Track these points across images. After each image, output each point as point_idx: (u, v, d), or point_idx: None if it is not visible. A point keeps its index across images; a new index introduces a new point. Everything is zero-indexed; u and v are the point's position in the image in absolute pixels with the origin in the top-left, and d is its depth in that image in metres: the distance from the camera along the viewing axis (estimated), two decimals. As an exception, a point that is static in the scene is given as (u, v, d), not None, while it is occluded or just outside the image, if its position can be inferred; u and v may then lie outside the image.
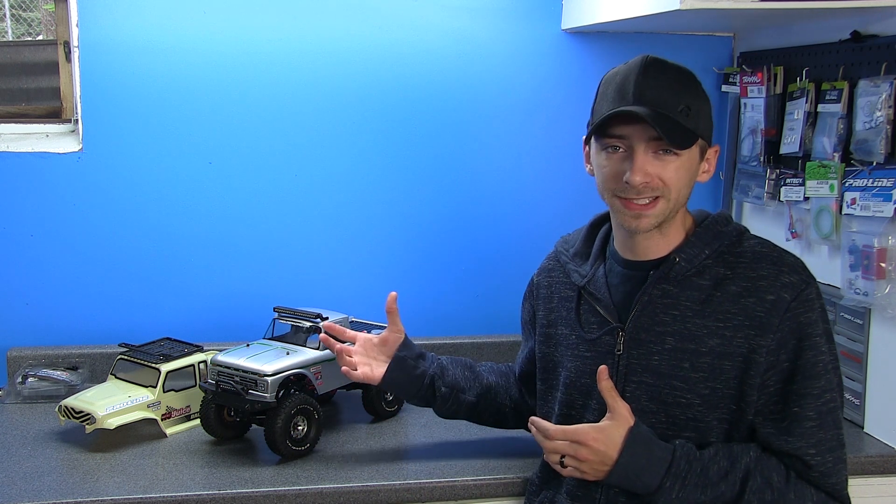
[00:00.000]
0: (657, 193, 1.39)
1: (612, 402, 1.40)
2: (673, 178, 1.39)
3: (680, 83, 1.40)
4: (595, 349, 1.49)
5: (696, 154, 1.42)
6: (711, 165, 1.47)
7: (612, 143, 1.40)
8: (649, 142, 1.37)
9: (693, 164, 1.42)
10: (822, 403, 1.38)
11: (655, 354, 1.43)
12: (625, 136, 1.38)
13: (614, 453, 1.37)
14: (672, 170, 1.39)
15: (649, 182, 1.38)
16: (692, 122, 1.38)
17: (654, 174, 1.38)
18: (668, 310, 1.43)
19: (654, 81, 1.38)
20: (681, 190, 1.41)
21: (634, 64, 1.41)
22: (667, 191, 1.39)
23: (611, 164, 1.41)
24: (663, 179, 1.38)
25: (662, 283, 1.44)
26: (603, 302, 1.50)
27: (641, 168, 1.37)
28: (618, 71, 1.44)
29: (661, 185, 1.39)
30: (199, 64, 2.16)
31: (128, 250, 2.19)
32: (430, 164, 2.32)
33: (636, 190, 1.38)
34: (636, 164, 1.37)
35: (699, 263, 1.43)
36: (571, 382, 1.53)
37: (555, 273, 1.62)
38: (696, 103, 1.40)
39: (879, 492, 1.80)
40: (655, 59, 1.41)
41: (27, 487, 1.58)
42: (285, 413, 1.71)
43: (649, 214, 1.40)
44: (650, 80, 1.38)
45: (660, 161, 1.38)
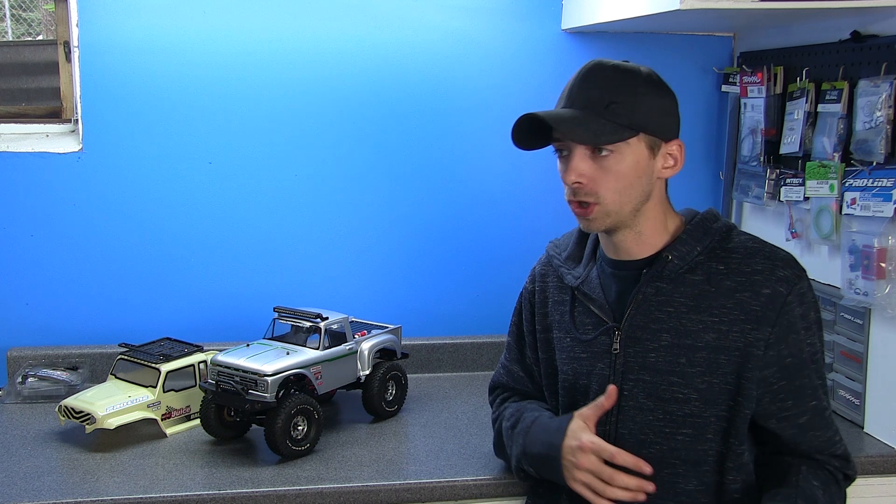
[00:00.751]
0: (591, 199, 1.40)
1: None
2: (609, 181, 1.39)
3: (615, 81, 1.41)
4: (591, 349, 1.50)
5: (642, 150, 1.40)
6: (678, 160, 1.45)
7: (558, 147, 1.44)
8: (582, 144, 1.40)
9: (639, 162, 1.40)
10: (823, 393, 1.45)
11: (652, 352, 1.44)
12: (561, 139, 1.42)
13: None
14: (610, 171, 1.39)
15: (583, 184, 1.40)
16: (624, 117, 1.37)
17: (588, 175, 1.39)
18: (663, 307, 1.44)
19: (587, 84, 1.41)
20: (621, 191, 1.40)
21: (580, 70, 1.45)
22: (600, 196, 1.40)
23: (561, 168, 1.45)
24: (596, 182, 1.39)
25: (656, 281, 1.45)
26: (597, 302, 1.50)
27: (574, 168, 1.40)
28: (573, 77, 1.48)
29: (595, 190, 1.39)
30: (199, 64, 2.16)
31: (128, 250, 2.19)
32: (430, 164, 2.32)
33: (572, 191, 1.41)
34: (570, 164, 1.41)
35: (691, 260, 1.44)
36: (570, 385, 1.53)
37: (548, 278, 1.63)
38: (632, 98, 1.39)
39: (879, 492, 1.80)
40: (598, 62, 1.44)
41: (27, 487, 1.58)
42: (285, 413, 1.71)
43: (590, 218, 1.43)
44: (583, 84, 1.42)
45: (597, 163, 1.40)
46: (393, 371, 1.98)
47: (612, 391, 1.41)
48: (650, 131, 1.40)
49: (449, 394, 2.16)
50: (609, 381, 1.46)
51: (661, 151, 1.43)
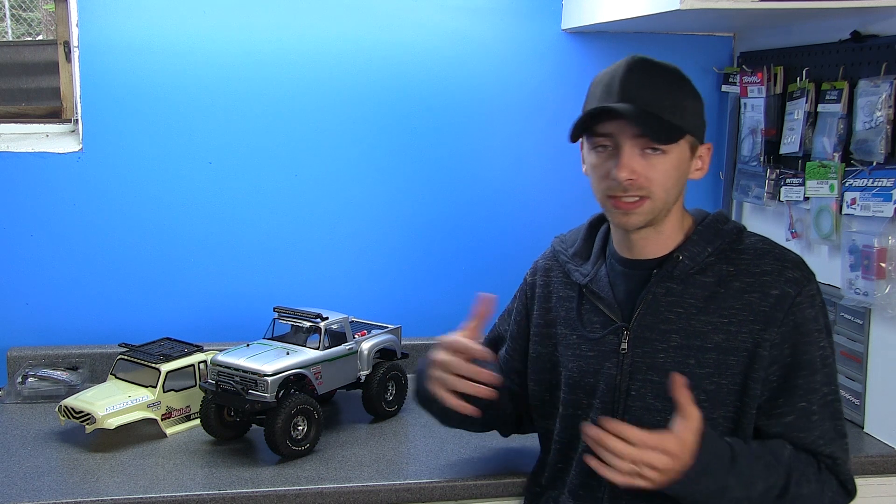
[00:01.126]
0: (643, 193, 1.39)
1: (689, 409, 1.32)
2: (659, 178, 1.39)
3: (665, 80, 1.41)
4: (598, 348, 1.49)
5: (686, 151, 1.42)
6: (705, 163, 1.47)
7: (601, 143, 1.41)
8: (635, 139, 1.37)
9: (682, 162, 1.42)
10: (822, 396, 1.41)
11: (661, 352, 1.43)
12: (610, 134, 1.39)
13: (690, 460, 1.31)
14: (659, 169, 1.38)
15: (635, 180, 1.38)
16: (678, 118, 1.38)
17: (640, 172, 1.38)
18: (673, 307, 1.44)
19: (639, 79, 1.39)
20: (668, 189, 1.41)
21: (621, 63, 1.42)
22: (652, 191, 1.39)
23: (599, 162, 1.42)
24: (649, 178, 1.38)
25: (666, 281, 1.45)
26: (606, 301, 1.50)
27: (627, 164, 1.37)
28: (606, 71, 1.44)
29: (647, 185, 1.39)
30: (199, 64, 2.16)
31: (128, 250, 2.19)
32: (430, 164, 2.32)
33: (622, 187, 1.38)
34: (621, 160, 1.38)
35: (702, 261, 1.44)
36: (575, 382, 1.52)
37: (553, 273, 1.62)
38: (681, 100, 1.40)
39: (879, 492, 1.80)
40: (642, 58, 1.42)
41: (27, 487, 1.58)
42: (285, 413, 1.71)
43: (637, 212, 1.40)
44: (635, 78, 1.39)
45: (646, 160, 1.38)
46: (393, 371, 1.98)
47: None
48: (693, 133, 1.42)
49: (449, 394, 2.16)
50: (617, 381, 1.46)
51: (696, 153, 1.45)
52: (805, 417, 1.40)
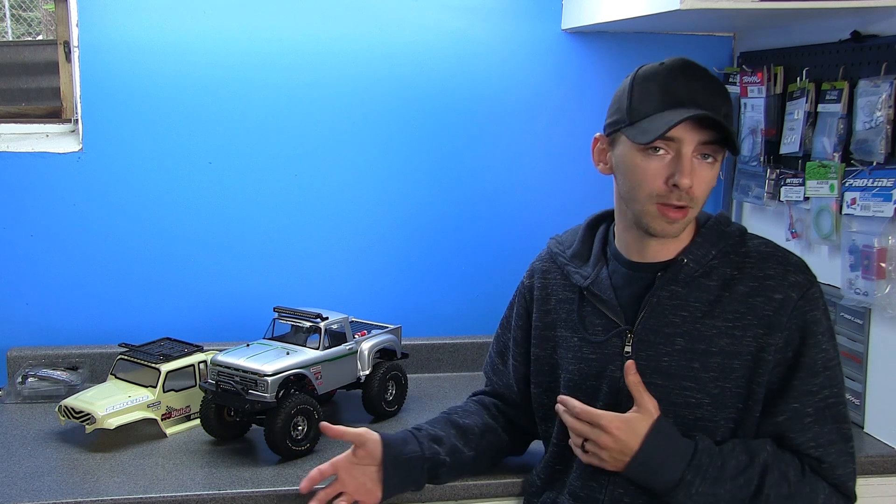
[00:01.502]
0: (691, 204, 1.38)
1: (639, 396, 1.38)
2: (704, 188, 1.39)
3: (719, 88, 1.40)
4: (601, 351, 1.49)
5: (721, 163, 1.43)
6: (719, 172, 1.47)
7: (657, 146, 1.37)
8: (697, 146, 1.36)
9: (717, 174, 1.42)
10: (820, 399, 1.39)
11: (665, 356, 1.43)
12: (674, 139, 1.36)
13: (635, 444, 1.36)
14: (705, 179, 1.38)
15: (692, 189, 1.36)
16: (731, 125, 1.38)
17: (694, 181, 1.37)
18: (677, 311, 1.43)
19: (701, 85, 1.38)
20: (706, 199, 1.42)
21: (674, 66, 1.39)
22: (697, 202, 1.39)
23: (653, 167, 1.38)
24: (699, 190, 1.38)
25: (671, 284, 1.44)
26: (609, 303, 1.49)
27: (690, 171, 1.36)
28: (657, 71, 1.40)
29: (697, 196, 1.38)
30: (199, 64, 2.16)
31: (128, 250, 2.19)
32: (431, 164, 2.32)
33: (679, 195, 1.36)
34: (685, 167, 1.35)
35: (706, 264, 1.44)
36: (575, 385, 1.52)
37: (550, 274, 1.61)
38: (731, 108, 1.41)
39: (879, 492, 1.80)
40: (694, 63, 1.41)
41: (27, 487, 1.58)
42: (285, 413, 1.71)
43: (680, 221, 1.40)
44: (696, 83, 1.38)
45: (700, 170, 1.37)
46: (393, 371, 1.98)
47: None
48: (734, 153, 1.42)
49: (449, 394, 2.16)
50: (620, 384, 1.44)
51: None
52: (797, 419, 1.39)
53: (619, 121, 1.42)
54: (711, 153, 1.38)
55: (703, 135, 1.35)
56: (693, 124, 1.34)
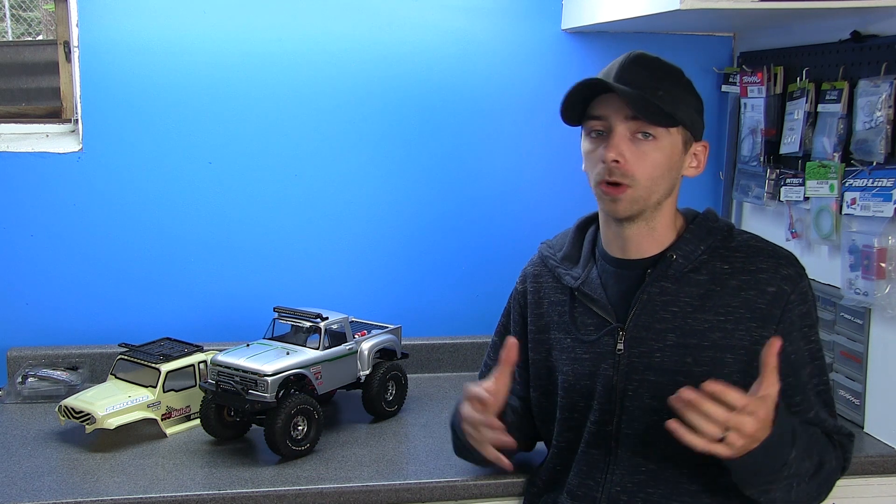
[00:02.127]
0: (626, 181, 1.39)
1: (773, 376, 1.28)
2: (646, 167, 1.39)
3: (662, 72, 1.43)
4: (594, 350, 1.49)
5: (678, 144, 1.43)
6: (701, 161, 1.48)
7: (595, 127, 1.42)
8: (626, 121, 1.38)
9: (674, 155, 1.42)
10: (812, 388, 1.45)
11: (657, 352, 1.43)
12: (602, 117, 1.40)
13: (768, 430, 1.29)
14: (648, 157, 1.39)
15: (621, 164, 1.38)
16: (669, 106, 1.39)
17: (628, 157, 1.38)
18: (668, 307, 1.44)
19: (636, 69, 1.41)
20: (655, 179, 1.41)
21: (621, 56, 1.43)
22: (636, 179, 1.39)
23: (592, 147, 1.43)
24: (634, 168, 1.39)
25: (661, 280, 1.45)
26: (599, 302, 1.50)
27: (616, 146, 1.38)
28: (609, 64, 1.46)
29: (632, 172, 1.39)
30: (199, 64, 2.16)
31: (128, 250, 2.19)
32: (431, 164, 2.32)
33: (608, 169, 1.39)
34: (612, 140, 1.39)
35: (696, 259, 1.45)
36: (570, 386, 1.52)
37: (542, 278, 1.62)
38: (676, 91, 1.41)
39: (879, 492, 1.80)
40: (642, 53, 1.44)
41: (27, 487, 1.58)
42: (285, 413, 1.71)
43: (621, 199, 1.41)
44: (632, 67, 1.41)
45: (637, 146, 1.39)
46: (393, 371, 1.98)
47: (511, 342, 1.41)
48: (687, 126, 1.43)
49: (449, 394, 2.16)
50: (613, 382, 1.46)
51: (690, 149, 1.46)
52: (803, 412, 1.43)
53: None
54: (648, 130, 1.39)
55: (627, 109, 1.37)
56: (618, 101, 1.37)
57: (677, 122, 1.40)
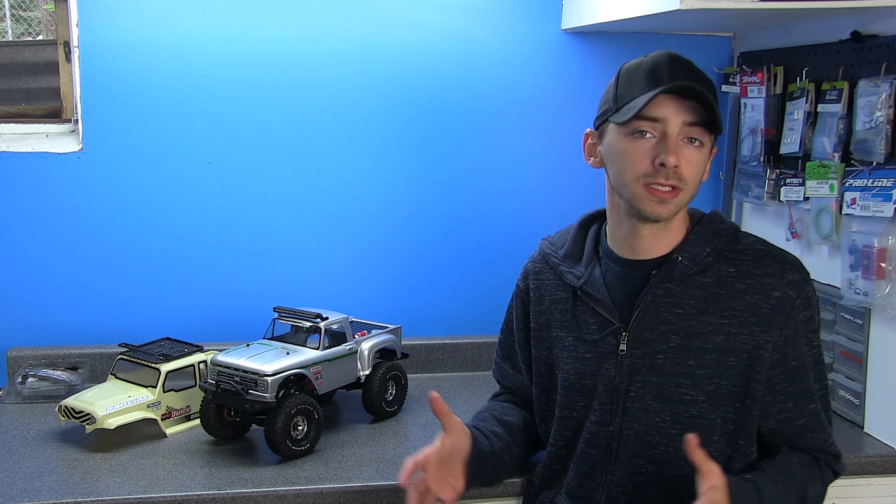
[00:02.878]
0: (679, 184, 1.38)
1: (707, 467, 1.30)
2: (695, 170, 1.39)
3: (703, 76, 1.42)
4: (596, 350, 1.49)
5: (709, 149, 1.43)
6: (708, 166, 1.47)
7: (643, 128, 1.38)
8: (682, 127, 1.37)
9: (706, 159, 1.43)
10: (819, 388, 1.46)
11: (660, 353, 1.43)
12: (660, 120, 1.37)
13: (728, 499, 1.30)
14: (694, 161, 1.39)
15: (678, 168, 1.36)
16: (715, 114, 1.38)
17: (682, 162, 1.37)
18: (672, 308, 1.43)
19: (684, 70, 1.39)
20: (697, 184, 1.42)
21: (660, 55, 1.41)
22: (686, 183, 1.39)
23: (639, 148, 1.38)
24: (687, 171, 1.38)
25: (665, 282, 1.44)
26: (603, 302, 1.49)
27: (675, 150, 1.36)
28: (641, 62, 1.43)
29: (685, 177, 1.38)
30: (199, 64, 2.16)
31: (128, 250, 2.19)
32: (430, 164, 2.32)
33: (666, 174, 1.36)
34: (671, 146, 1.36)
35: (701, 261, 1.44)
36: (571, 385, 1.52)
37: (543, 275, 1.61)
38: (716, 96, 1.41)
39: (879, 492, 1.80)
40: (678, 54, 1.42)
41: (27, 487, 1.58)
42: (285, 413, 1.71)
43: (671, 202, 1.39)
44: (680, 68, 1.39)
45: (687, 149, 1.38)
46: (393, 371, 1.98)
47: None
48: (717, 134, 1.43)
49: (449, 394, 2.16)
50: (615, 382, 1.45)
51: (712, 155, 1.46)
52: (816, 419, 1.44)
53: (606, 111, 1.45)
54: (698, 136, 1.38)
55: (687, 115, 1.36)
56: (677, 105, 1.36)
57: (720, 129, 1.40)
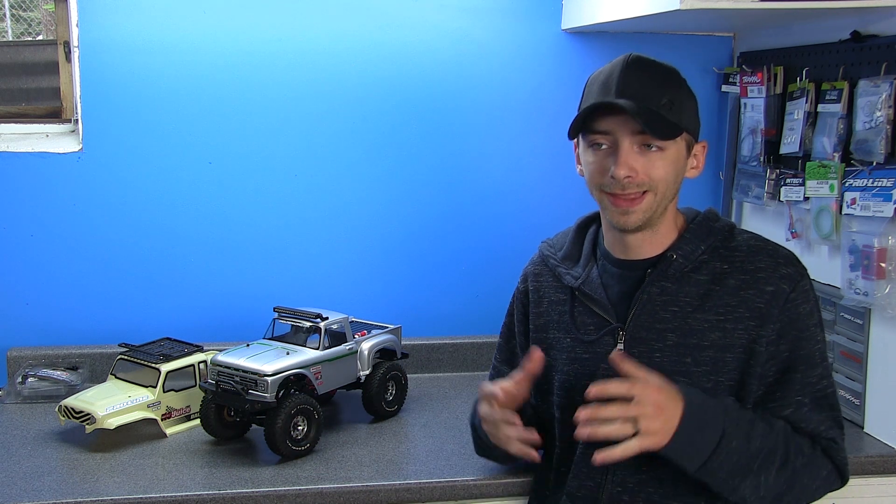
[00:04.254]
0: (644, 188, 1.39)
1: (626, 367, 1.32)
2: (660, 174, 1.39)
3: (663, 78, 1.41)
4: (593, 350, 1.49)
5: (682, 149, 1.43)
6: (700, 161, 1.48)
7: (597, 140, 1.41)
8: (633, 136, 1.38)
9: (679, 160, 1.42)
10: (819, 390, 1.43)
11: (657, 352, 1.43)
12: (608, 132, 1.39)
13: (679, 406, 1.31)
14: (658, 165, 1.39)
15: (633, 177, 1.38)
16: (675, 115, 1.38)
17: (639, 169, 1.38)
18: (668, 307, 1.44)
19: (637, 76, 1.39)
20: (668, 185, 1.41)
21: (618, 61, 1.42)
22: (653, 185, 1.39)
23: (597, 160, 1.42)
24: (650, 175, 1.38)
25: (661, 280, 1.45)
26: (600, 302, 1.49)
27: (625, 162, 1.37)
28: (602, 70, 1.44)
29: (647, 180, 1.39)
30: (199, 64, 2.16)
31: (128, 250, 2.19)
32: (430, 164, 2.32)
33: (621, 185, 1.38)
34: (620, 157, 1.38)
35: (696, 259, 1.45)
36: (570, 386, 1.52)
37: (542, 277, 1.62)
38: (678, 98, 1.41)
39: (879, 492, 1.80)
40: (638, 57, 1.42)
41: (27, 487, 1.58)
42: (285, 413, 1.71)
43: (636, 210, 1.40)
44: (632, 75, 1.39)
45: (645, 156, 1.38)
46: (393, 371, 1.98)
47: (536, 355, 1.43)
48: (690, 131, 1.42)
49: (449, 394, 2.16)
50: None
51: (692, 152, 1.45)
52: (801, 411, 1.42)
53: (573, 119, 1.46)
54: (655, 142, 1.38)
55: (635, 125, 1.36)
56: (623, 115, 1.36)
57: (682, 130, 1.40)
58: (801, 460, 1.39)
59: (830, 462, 1.44)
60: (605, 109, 1.37)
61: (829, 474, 1.43)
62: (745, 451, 1.34)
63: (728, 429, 1.33)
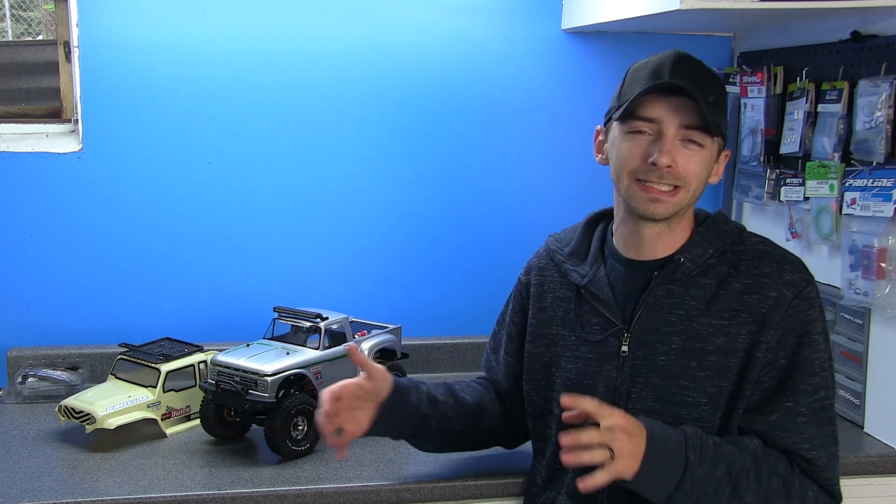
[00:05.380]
0: (678, 183, 1.38)
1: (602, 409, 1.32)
2: (696, 171, 1.39)
3: (710, 76, 1.41)
4: (598, 350, 1.49)
5: (714, 152, 1.42)
6: (720, 169, 1.47)
7: (640, 128, 1.39)
8: (679, 128, 1.37)
9: (711, 161, 1.42)
10: (815, 400, 1.39)
11: (662, 355, 1.43)
12: (655, 120, 1.37)
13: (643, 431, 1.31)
14: (696, 162, 1.38)
15: (673, 168, 1.37)
16: (718, 115, 1.38)
17: (679, 162, 1.37)
18: (674, 310, 1.43)
19: (688, 69, 1.39)
20: (700, 184, 1.41)
21: (666, 53, 1.41)
22: (687, 182, 1.39)
23: (636, 145, 1.39)
24: (687, 169, 1.38)
25: (667, 283, 1.44)
26: (606, 303, 1.49)
27: (669, 151, 1.36)
28: (648, 60, 1.43)
29: (684, 175, 1.38)
30: (199, 64, 2.16)
31: (128, 250, 2.19)
32: (430, 164, 2.32)
33: (659, 173, 1.37)
34: (665, 146, 1.36)
35: (703, 263, 1.44)
36: (572, 384, 1.51)
37: (547, 272, 1.60)
38: (721, 99, 1.41)
39: (879, 492, 1.80)
40: (686, 53, 1.42)
41: (27, 487, 1.58)
42: (285, 413, 1.71)
43: (667, 201, 1.39)
44: (684, 68, 1.39)
45: (685, 151, 1.38)
46: (393, 371, 1.97)
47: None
48: (724, 136, 1.42)
49: (449, 394, 2.16)
50: (617, 383, 1.45)
51: (720, 158, 1.45)
52: (790, 418, 1.38)
53: (610, 108, 1.46)
54: (696, 139, 1.38)
55: (683, 117, 1.36)
56: (672, 106, 1.36)
57: (722, 132, 1.40)
58: (776, 482, 1.36)
59: (814, 483, 1.40)
60: (667, 90, 1.35)
61: (817, 495, 1.40)
62: (711, 478, 1.33)
63: (691, 456, 1.32)
